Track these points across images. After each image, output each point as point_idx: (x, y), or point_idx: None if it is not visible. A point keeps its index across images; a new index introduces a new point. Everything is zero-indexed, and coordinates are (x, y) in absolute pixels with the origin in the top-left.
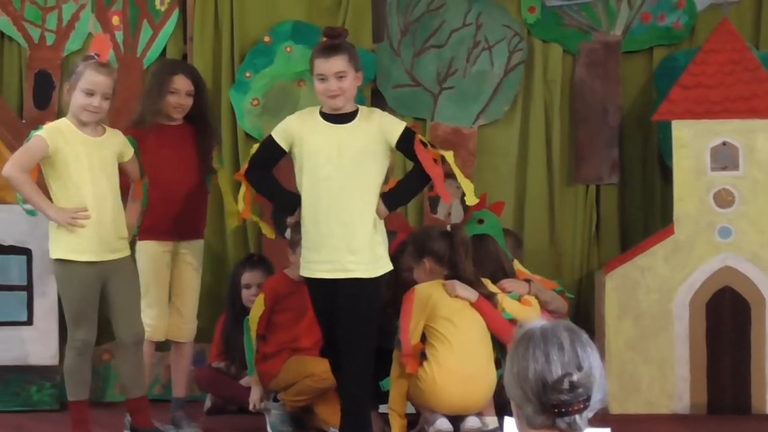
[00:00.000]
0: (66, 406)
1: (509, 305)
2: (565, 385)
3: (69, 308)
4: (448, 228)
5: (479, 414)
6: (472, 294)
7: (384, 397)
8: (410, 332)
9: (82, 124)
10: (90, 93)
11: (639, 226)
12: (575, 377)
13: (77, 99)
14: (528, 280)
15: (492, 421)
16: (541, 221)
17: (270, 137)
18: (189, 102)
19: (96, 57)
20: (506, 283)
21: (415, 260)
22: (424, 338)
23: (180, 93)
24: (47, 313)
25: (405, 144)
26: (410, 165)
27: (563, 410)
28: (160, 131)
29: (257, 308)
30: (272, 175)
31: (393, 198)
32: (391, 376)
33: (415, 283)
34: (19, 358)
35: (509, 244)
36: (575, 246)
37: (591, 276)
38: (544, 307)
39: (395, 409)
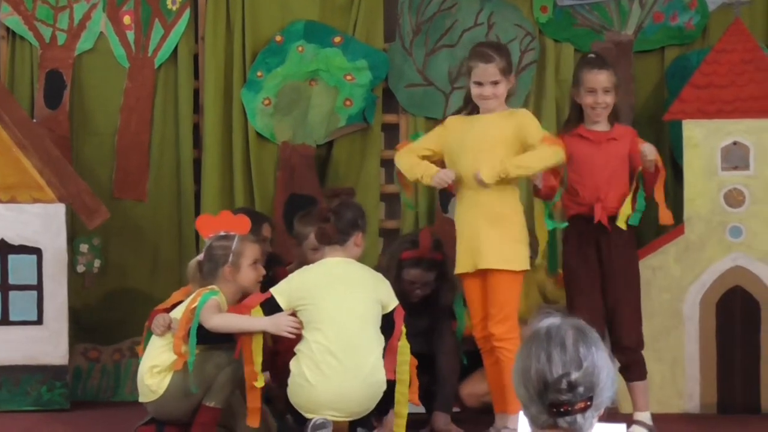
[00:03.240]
0: (77, 406)
1: None
2: (563, 384)
3: None
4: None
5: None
6: None
7: None
8: None
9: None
10: (259, 262)
11: (650, 226)
12: (573, 376)
13: (249, 274)
14: None
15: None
16: None
17: None
18: None
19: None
20: None
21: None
22: None
23: None
24: (57, 312)
25: None
26: None
27: (563, 410)
28: None
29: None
30: None
31: None
32: None
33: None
34: (29, 358)
35: None
36: None
37: None
38: None
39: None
